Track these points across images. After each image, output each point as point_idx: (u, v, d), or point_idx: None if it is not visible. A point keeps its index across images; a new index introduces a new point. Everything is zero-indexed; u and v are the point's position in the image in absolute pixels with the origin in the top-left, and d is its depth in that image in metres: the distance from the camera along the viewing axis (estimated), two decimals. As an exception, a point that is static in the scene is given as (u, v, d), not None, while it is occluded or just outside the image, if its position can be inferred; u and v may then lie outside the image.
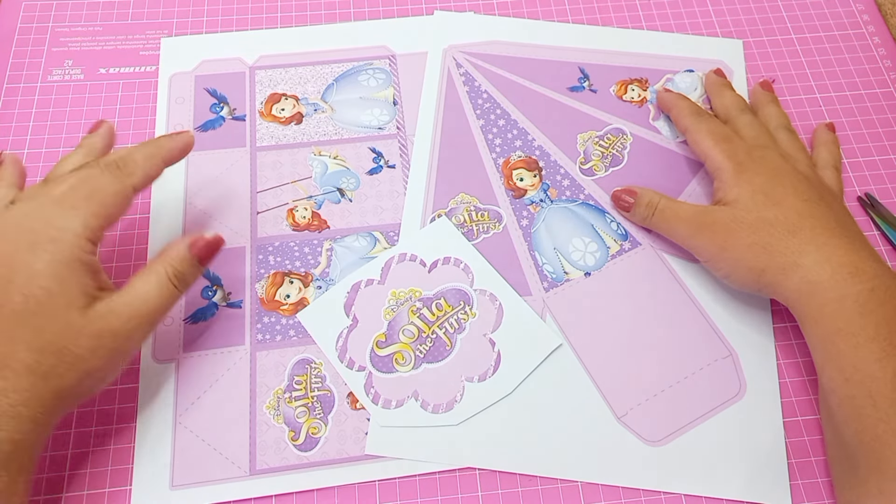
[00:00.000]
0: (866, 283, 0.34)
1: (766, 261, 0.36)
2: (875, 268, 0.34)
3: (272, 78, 0.49)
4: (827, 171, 0.42)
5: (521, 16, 0.52)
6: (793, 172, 0.39)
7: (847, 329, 0.33)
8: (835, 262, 0.34)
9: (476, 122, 0.48)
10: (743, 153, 0.40)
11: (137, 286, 0.33)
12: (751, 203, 0.38)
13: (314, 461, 0.38)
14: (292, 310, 0.41)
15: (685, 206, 0.41)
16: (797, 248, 0.35)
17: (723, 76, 0.48)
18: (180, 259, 0.34)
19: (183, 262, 0.34)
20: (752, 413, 0.39)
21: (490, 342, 0.40)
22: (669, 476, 0.38)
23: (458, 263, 0.43)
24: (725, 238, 0.38)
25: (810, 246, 0.35)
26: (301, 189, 0.45)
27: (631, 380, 0.40)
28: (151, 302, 0.33)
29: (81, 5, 0.52)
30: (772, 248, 0.36)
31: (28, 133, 0.47)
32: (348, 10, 0.52)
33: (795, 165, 0.40)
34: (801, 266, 0.35)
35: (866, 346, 0.33)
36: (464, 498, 0.37)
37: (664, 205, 0.41)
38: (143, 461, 0.37)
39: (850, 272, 0.34)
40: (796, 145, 0.43)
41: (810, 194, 0.38)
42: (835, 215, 0.37)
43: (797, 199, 0.37)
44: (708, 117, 0.44)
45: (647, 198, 0.42)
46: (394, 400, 0.39)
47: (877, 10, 0.54)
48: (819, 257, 0.35)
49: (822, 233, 0.36)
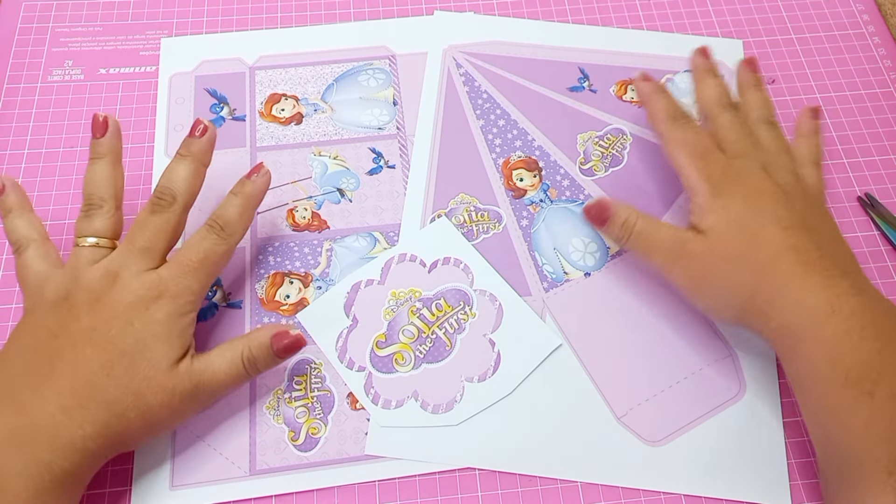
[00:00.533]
0: (841, 323, 0.32)
1: (744, 301, 0.35)
2: (854, 304, 0.32)
3: (272, 78, 0.49)
4: (806, 169, 0.40)
5: (521, 16, 0.52)
6: (772, 193, 0.36)
7: (820, 374, 0.32)
8: (811, 304, 0.32)
9: (476, 122, 0.48)
10: (719, 172, 0.37)
11: (215, 357, 0.35)
12: (727, 234, 0.36)
13: (314, 461, 0.38)
14: (292, 310, 0.41)
15: (663, 230, 0.38)
16: (774, 290, 0.34)
17: (707, 56, 0.45)
18: (259, 345, 0.36)
19: (261, 348, 0.36)
20: (751, 413, 0.39)
21: (490, 342, 0.40)
22: (669, 476, 0.38)
23: (457, 263, 0.43)
24: (703, 274, 0.36)
25: (788, 286, 0.33)
26: (301, 189, 0.45)
27: (631, 380, 0.40)
28: (220, 376, 0.35)
29: (81, 5, 0.52)
30: (748, 289, 0.34)
31: (28, 133, 0.47)
32: (348, 11, 0.52)
33: (776, 177, 0.37)
34: (777, 309, 0.33)
35: (839, 392, 0.31)
36: (464, 498, 0.37)
37: (641, 227, 0.38)
38: (143, 462, 0.37)
39: (826, 313, 0.32)
40: (778, 144, 0.41)
41: (791, 220, 0.35)
42: (816, 242, 0.35)
43: (776, 227, 0.35)
44: (684, 123, 0.40)
45: (623, 216, 0.39)
46: (394, 400, 0.39)
47: (877, 10, 0.54)
48: (796, 298, 0.33)
49: (801, 269, 0.33)
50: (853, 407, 0.31)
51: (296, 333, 0.36)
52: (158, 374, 0.33)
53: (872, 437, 0.30)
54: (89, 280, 0.34)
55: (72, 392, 0.32)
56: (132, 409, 0.33)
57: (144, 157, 0.46)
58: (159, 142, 0.46)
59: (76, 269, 0.35)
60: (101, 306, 0.34)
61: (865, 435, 0.31)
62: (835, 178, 0.47)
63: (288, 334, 0.36)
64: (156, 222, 0.36)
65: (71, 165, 0.45)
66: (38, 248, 0.36)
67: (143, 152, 0.46)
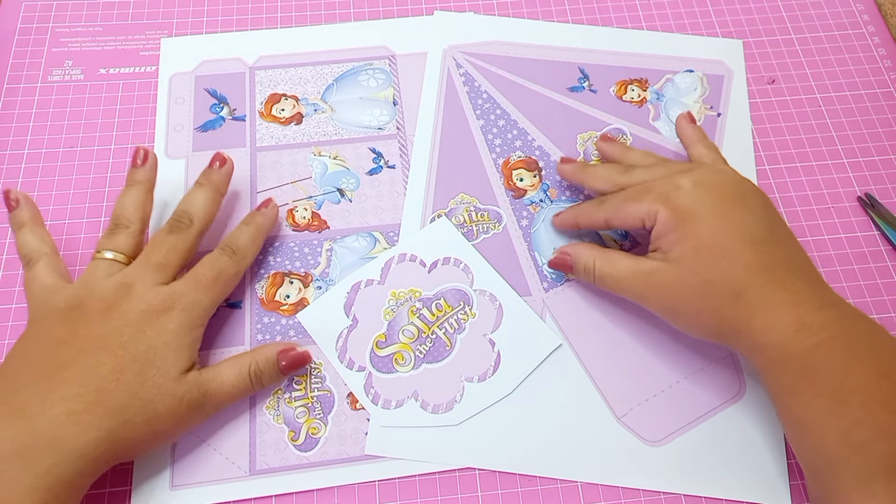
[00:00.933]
0: (811, 338, 0.32)
1: (718, 325, 0.35)
2: (823, 317, 0.33)
3: (272, 78, 0.49)
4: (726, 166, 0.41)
5: (521, 16, 0.52)
6: (739, 199, 0.36)
7: (794, 386, 0.32)
8: (783, 323, 0.33)
9: (476, 122, 0.48)
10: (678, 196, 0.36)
11: (223, 369, 0.36)
12: (695, 263, 0.35)
13: (314, 461, 0.38)
14: (292, 310, 0.41)
15: (624, 267, 0.37)
16: (746, 312, 0.33)
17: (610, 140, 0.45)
18: (266, 360, 0.37)
19: (268, 363, 0.37)
20: (751, 413, 0.39)
21: (490, 342, 0.40)
22: (669, 476, 0.38)
23: (457, 264, 0.43)
24: (673, 302, 0.36)
25: (758, 306, 0.33)
26: (301, 189, 0.45)
27: (631, 380, 0.40)
28: (226, 387, 0.36)
29: (81, 5, 0.52)
30: (720, 313, 0.34)
31: (28, 133, 0.47)
32: (348, 11, 0.52)
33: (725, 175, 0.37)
34: (751, 330, 0.33)
35: (813, 403, 0.32)
36: (464, 498, 0.37)
37: (601, 270, 0.38)
38: (144, 461, 0.37)
39: (797, 329, 0.32)
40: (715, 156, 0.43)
41: (760, 233, 0.35)
42: (783, 255, 0.35)
43: (745, 245, 0.34)
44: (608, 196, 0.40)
45: (583, 262, 0.39)
46: (394, 400, 0.39)
47: (877, 10, 0.54)
48: (767, 319, 0.33)
49: (770, 289, 0.33)
50: (828, 417, 0.31)
51: (303, 350, 0.38)
52: (167, 383, 0.34)
53: (849, 445, 0.31)
54: (103, 289, 0.35)
55: (79, 397, 0.32)
56: (139, 415, 0.33)
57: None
58: (159, 142, 0.46)
59: (91, 279, 0.36)
60: (114, 314, 0.35)
61: (842, 443, 0.31)
62: (835, 178, 0.47)
63: (294, 350, 0.38)
64: (172, 241, 0.37)
65: (71, 165, 0.45)
66: (48, 263, 0.38)
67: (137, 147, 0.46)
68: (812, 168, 0.47)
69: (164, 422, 0.34)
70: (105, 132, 0.47)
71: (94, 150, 0.46)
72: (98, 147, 0.46)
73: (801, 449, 0.33)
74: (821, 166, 0.47)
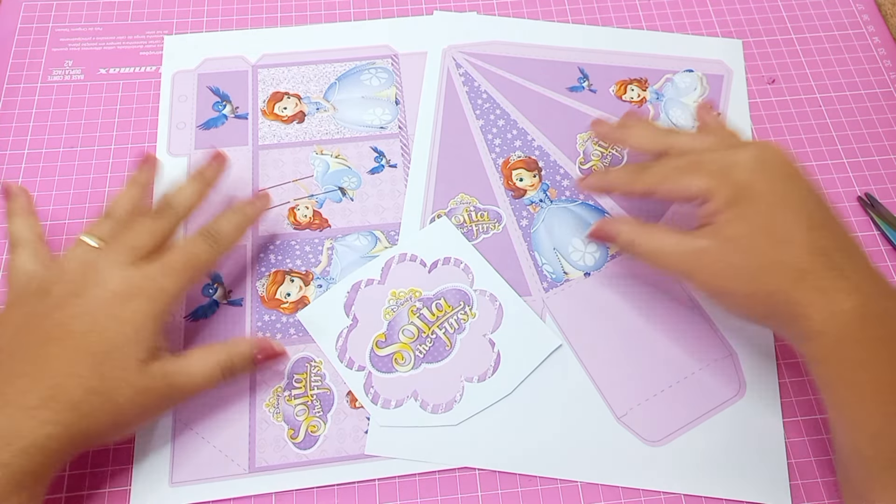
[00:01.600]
0: (871, 330, 0.31)
1: (770, 309, 0.33)
2: (881, 308, 0.31)
3: (275, 76, 0.49)
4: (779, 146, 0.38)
5: (521, 16, 0.52)
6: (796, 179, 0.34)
7: (852, 379, 0.31)
8: (842, 312, 0.31)
9: (476, 122, 0.48)
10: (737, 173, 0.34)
11: (193, 361, 0.35)
12: (751, 244, 0.33)
13: (313, 459, 0.38)
14: (293, 308, 0.41)
15: (670, 243, 0.35)
16: (804, 299, 0.32)
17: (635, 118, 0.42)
18: (240, 356, 0.36)
19: (243, 359, 0.36)
20: (752, 413, 0.39)
21: (490, 342, 0.40)
22: (669, 476, 0.38)
23: (458, 264, 0.43)
24: (724, 282, 0.34)
25: (817, 294, 0.32)
26: (303, 188, 0.45)
27: (631, 380, 0.40)
28: (195, 379, 0.35)
29: (81, 5, 0.52)
30: (775, 297, 0.32)
31: (28, 133, 0.47)
32: (348, 10, 0.52)
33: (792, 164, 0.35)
34: (807, 318, 0.32)
35: (871, 398, 0.31)
36: (463, 498, 0.37)
37: (644, 245, 0.36)
38: (143, 458, 0.37)
39: (856, 318, 0.31)
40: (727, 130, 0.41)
41: (817, 215, 0.33)
42: (839, 239, 0.33)
43: (804, 228, 0.33)
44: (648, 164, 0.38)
45: (624, 235, 0.38)
46: (393, 400, 0.39)
47: (877, 10, 0.54)
48: (826, 307, 0.31)
49: (829, 275, 0.32)
50: (888, 413, 0.31)
51: (280, 349, 0.38)
52: (129, 375, 0.33)
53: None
54: (73, 272, 0.35)
55: (34, 392, 0.31)
56: (98, 409, 0.32)
57: (145, 157, 0.46)
58: (161, 139, 0.46)
59: (64, 260, 0.36)
60: (76, 302, 0.34)
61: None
62: (835, 178, 0.47)
63: (272, 347, 0.37)
64: (148, 224, 0.37)
65: (71, 165, 0.46)
66: (30, 249, 0.37)
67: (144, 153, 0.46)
68: (812, 168, 0.47)
69: (126, 413, 0.33)
70: (105, 132, 0.47)
71: (94, 150, 0.46)
72: (98, 147, 0.46)
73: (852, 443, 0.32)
74: (821, 166, 0.47)
